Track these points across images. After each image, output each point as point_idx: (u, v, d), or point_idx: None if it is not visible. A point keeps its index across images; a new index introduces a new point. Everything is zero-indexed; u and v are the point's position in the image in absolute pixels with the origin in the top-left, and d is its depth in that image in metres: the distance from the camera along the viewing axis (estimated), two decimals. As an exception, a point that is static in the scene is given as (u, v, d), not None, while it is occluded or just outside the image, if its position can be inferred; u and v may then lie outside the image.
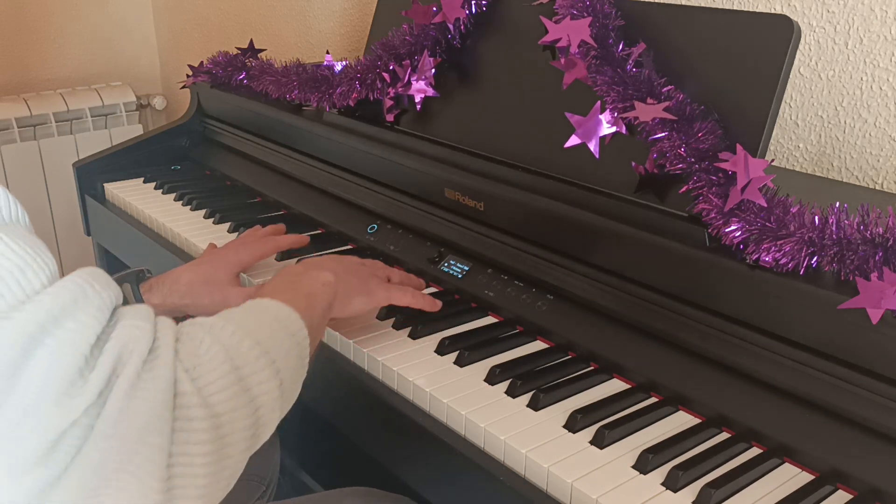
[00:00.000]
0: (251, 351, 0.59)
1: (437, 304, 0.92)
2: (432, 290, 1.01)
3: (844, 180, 1.07)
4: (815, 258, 0.70)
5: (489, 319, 0.94)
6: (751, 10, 1.11)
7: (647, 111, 0.81)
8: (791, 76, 0.98)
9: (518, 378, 0.80)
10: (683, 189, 0.80)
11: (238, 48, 1.45)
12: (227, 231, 1.23)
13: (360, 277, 0.86)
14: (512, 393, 0.79)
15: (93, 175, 1.46)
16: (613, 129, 0.87)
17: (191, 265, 0.97)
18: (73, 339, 0.49)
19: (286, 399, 0.63)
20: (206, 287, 0.94)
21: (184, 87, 1.53)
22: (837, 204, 0.71)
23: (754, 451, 0.72)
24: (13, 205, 0.53)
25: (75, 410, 0.47)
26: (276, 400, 0.61)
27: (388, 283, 0.90)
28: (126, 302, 0.90)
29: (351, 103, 1.17)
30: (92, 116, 2.24)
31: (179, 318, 1.54)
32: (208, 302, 0.94)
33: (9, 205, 0.53)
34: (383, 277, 0.91)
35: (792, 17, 0.79)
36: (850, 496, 0.66)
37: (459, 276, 0.99)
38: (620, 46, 0.88)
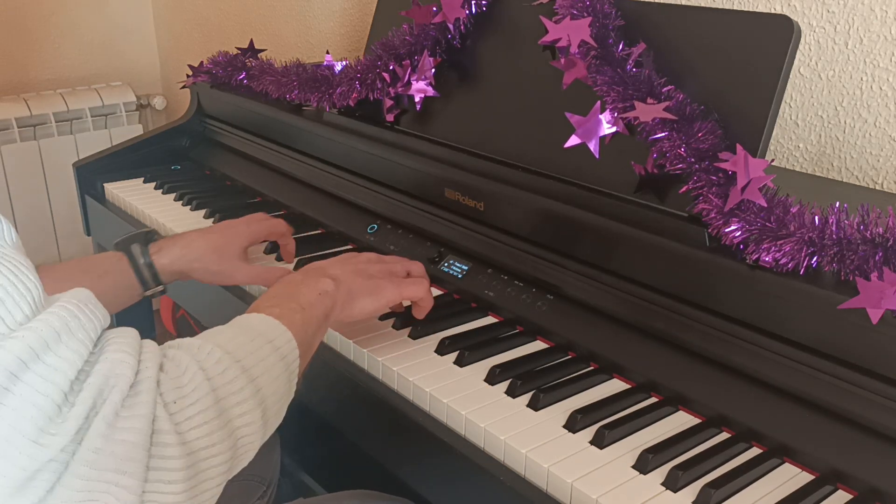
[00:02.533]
0: (236, 381, 0.58)
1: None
2: (433, 290, 1.01)
3: (844, 180, 1.07)
4: (815, 258, 0.70)
5: (489, 319, 0.94)
6: (751, 10, 1.11)
7: (647, 111, 0.81)
8: (791, 76, 0.98)
9: (518, 378, 0.80)
10: (683, 189, 0.80)
11: (238, 48, 1.45)
12: (227, 231, 1.22)
13: (366, 277, 0.83)
14: (512, 393, 0.79)
15: (93, 175, 1.46)
16: (613, 129, 0.87)
17: (203, 232, 0.98)
18: (53, 374, 0.47)
19: (269, 426, 0.62)
20: (215, 255, 0.96)
21: (184, 87, 1.53)
22: (837, 204, 0.71)
23: (754, 451, 0.72)
24: None
25: (53, 448, 0.46)
26: (258, 431, 0.60)
27: (401, 279, 0.86)
28: (136, 265, 0.91)
29: (351, 103, 1.17)
30: (92, 116, 2.24)
31: (177, 318, 1.52)
32: (216, 269, 0.96)
33: None
34: (401, 273, 0.87)
35: (792, 17, 0.79)
36: (850, 496, 0.66)
37: (459, 276, 0.99)
38: (620, 46, 0.88)
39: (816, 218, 0.70)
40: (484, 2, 1.06)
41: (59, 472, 0.47)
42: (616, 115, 0.86)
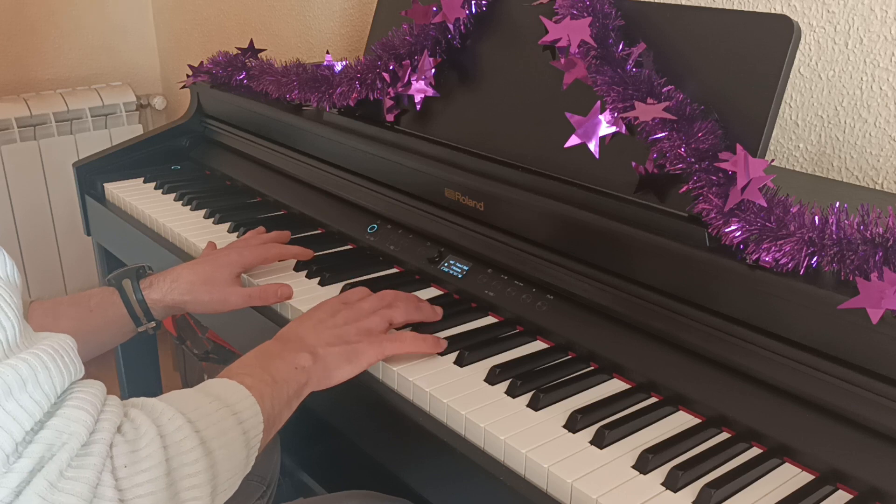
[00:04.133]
0: (193, 451, 0.58)
1: (440, 345, 0.85)
2: (432, 290, 1.01)
3: (844, 180, 1.07)
4: (815, 258, 0.70)
5: (489, 319, 0.94)
6: (751, 10, 1.11)
7: (647, 111, 0.81)
8: (791, 76, 0.98)
9: (518, 378, 0.80)
10: (683, 189, 0.80)
11: (238, 48, 1.45)
12: (227, 231, 1.23)
13: (344, 343, 0.80)
14: (512, 393, 0.79)
15: (93, 175, 1.46)
16: (613, 129, 0.87)
17: (192, 264, 0.97)
18: (9, 423, 0.46)
19: (217, 501, 0.61)
20: (205, 287, 0.94)
21: (184, 87, 1.53)
22: (837, 204, 0.71)
23: (754, 451, 0.72)
24: None
25: None
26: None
27: (381, 339, 0.83)
28: (127, 300, 0.91)
29: (351, 103, 1.17)
30: (92, 116, 2.24)
31: (177, 318, 1.53)
32: (208, 300, 0.95)
33: None
34: (380, 327, 0.84)
35: (792, 17, 0.79)
36: (850, 496, 0.66)
37: (459, 276, 0.99)
38: (620, 46, 0.88)
39: (816, 218, 0.70)
40: (484, 2, 1.06)
41: None
42: (616, 115, 0.86)
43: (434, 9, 1.08)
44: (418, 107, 1.11)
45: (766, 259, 0.72)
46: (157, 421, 0.57)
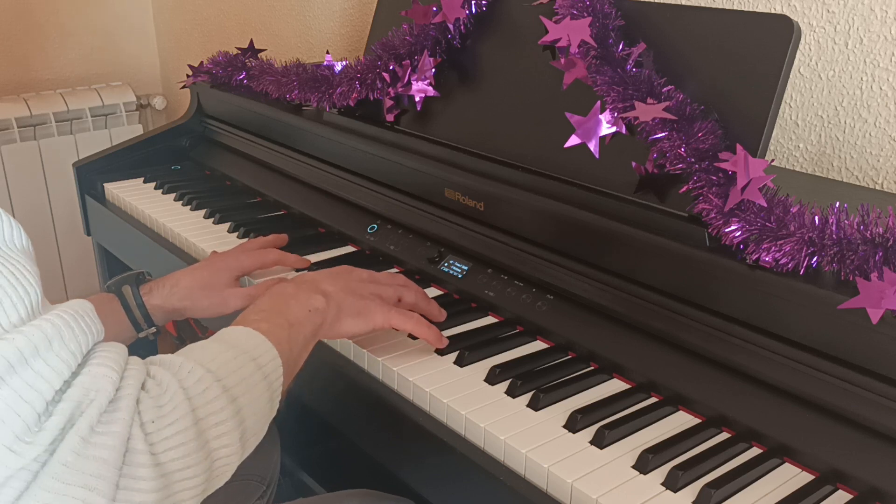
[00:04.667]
0: (216, 401, 0.58)
1: (442, 340, 0.86)
2: (433, 290, 1.01)
3: (844, 180, 1.07)
4: (815, 258, 0.70)
5: (489, 319, 0.94)
6: (751, 10, 1.11)
7: (647, 111, 0.81)
8: (791, 76, 0.98)
9: (518, 378, 0.80)
10: (683, 189, 0.80)
11: (238, 48, 1.45)
12: (227, 231, 1.23)
13: (358, 297, 0.81)
14: (512, 393, 0.79)
15: (93, 175, 1.46)
16: (613, 129, 0.87)
17: (190, 269, 0.97)
18: (39, 382, 0.47)
19: (246, 447, 0.62)
20: (204, 291, 0.95)
21: (184, 87, 1.53)
22: (837, 204, 0.71)
23: (754, 451, 0.72)
24: (6, 224, 0.52)
25: (26, 457, 0.46)
26: (236, 452, 0.60)
27: (391, 307, 0.84)
28: (127, 306, 0.91)
29: (351, 103, 1.17)
30: (92, 116, 2.24)
31: (178, 323, 1.52)
32: (207, 304, 0.95)
33: (1, 225, 0.52)
34: (392, 298, 0.85)
35: (792, 17, 0.79)
36: (850, 496, 0.66)
37: (459, 276, 0.99)
38: (620, 46, 0.88)
39: (816, 218, 0.70)
40: (484, 2, 1.06)
41: (28, 482, 0.47)
42: (616, 115, 0.86)
43: (434, 9, 1.07)
44: (418, 107, 1.11)
45: (766, 259, 0.72)
46: (177, 375, 0.58)
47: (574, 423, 0.74)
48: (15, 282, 0.49)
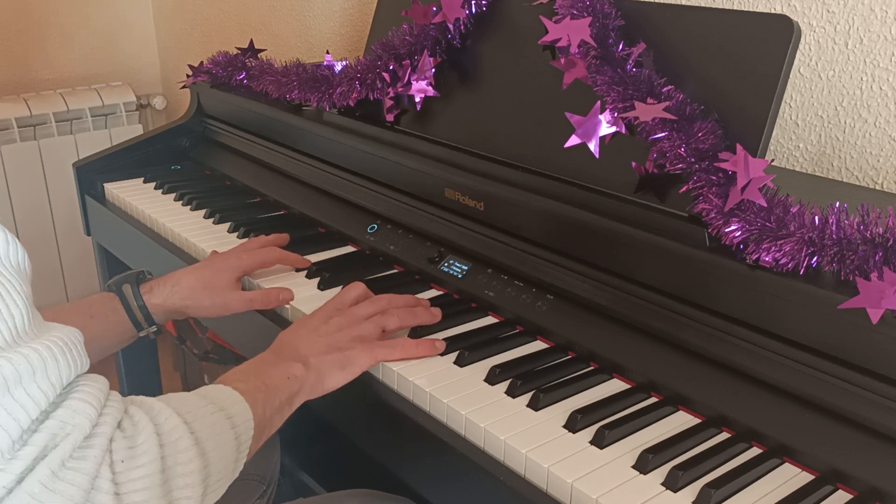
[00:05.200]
0: (187, 451, 0.59)
1: (435, 349, 0.86)
2: (433, 290, 1.01)
3: (844, 180, 1.07)
4: (815, 258, 0.70)
5: (489, 319, 0.94)
6: (751, 10, 1.11)
7: (647, 111, 0.81)
8: (791, 76, 0.98)
9: (518, 378, 0.80)
10: (683, 189, 0.80)
11: (238, 48, 1.45)
12: (227, 231, 1.23)
13: (337, 351, 0.81)
14: (512, 393, 0.79)
15: (93, 175, 1.46)
16: (613, 129, 0.87)
17: (192, 269, 0.97)
18: (17, 410, 0.48)
19: (206, 501, 0.62)
20: (206, 291, 0.95)
21: (184, 87, 1.53)
22: (837, 204, 0.71)
23: (754, 451, 0.72)
24: (1, 241, 0.52)
25: None
26: (196, 502, 0.60)
27: (374, 345, 0.83)
28: (128, 306, 0.91)
29: (351, 103, 1.17)
30: (92, 116, 2.24)
31: (178, 323, 1.52)
32: (209, 304, 0.95)
33: None
34: (374, 335, 0.85)
35: (792, 17, 0.79)
36: (850, 496, 0.66)
37: (459, 276, 0.99)
38: (620, 46, 0.88)
39: (816, 218, 0.70)
40: (484, 2, 1.06)
41: None
42: (616, 115, 0.86)
43: (434, 9, 1.08)
44: (418, 107, 1.11)
45: (766, 259, 0.72)
46: (154, 419, 0.58)
47: (574, 423, 0.74)
48: (1, 302, 0.49)
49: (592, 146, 0.87)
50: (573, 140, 0.88)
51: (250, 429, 0.68)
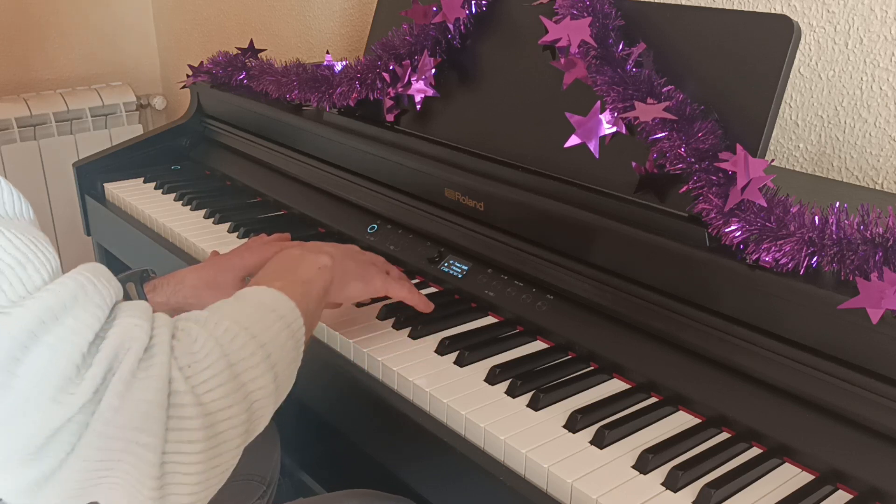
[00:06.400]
0: (246, 346, 0.59)
1: (429, 306, 0.91)
2: (432, 290, 1.01)
3: (844, 180, 1.07)
4: (815, 258, 0.70)
5: (489, 319, 0.94)
6: (751, 10, 1.11)
7: (647, 111, 0.81)
8: (791, 76, 0.98)
9: (518, 378, 0.80)
10: (683, 189, 0.80)
11: (238, 48, 1.45)
12: (227, 231, 1.23)
13: (357, 263, 0.85)
14: (512, 393, 0.79)
15: (93, 175, 1.46)
16: (613, 129, 0.87)
17: (195, 268, 0.97)
18: (72, 336, 0.49)
19: (281, 391, 0.64)
20: (209, 290, 0.94)
21: (184, 87, 1.53)
22: (837, 204, 0.71)
23: (754, 451, 0.72)
24: (17, 199, 0.54)
25: (72, 407, 0.48)
26: (271, 394, 0.61)
27: (387, 275, 0.88)
28: (129, 300, 0.91)
29: (351, 103, 1.17)
30: (92, 116, 2.24)
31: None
32: (213, 303, 0.95)
33: (12, 199, 0.54)
34: (381, 269, 0.89)
35: (792, 17, 0.79)
36: (850, 496, 0.66)
37: (459, 276, 0.99)
38: (620, 46, 0.88)
39: (816, 218, 0.70)
40: (484, 2, 1.06)
41: (79, 433, 0.49)
42: (616, 115, 0.86)
43: (434, 9, 1.07)
44: (418, 107, 1.11)
45: (766, 259, 0.72)
46: (206, 326, 0.59)
47: (574, 423, 0.74)
48: (35, 249, 0.51)
49: (592, 146, 0.87)
50: (573, 140, 0.88)
51: (299, 317, 0.67)
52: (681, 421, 0.76)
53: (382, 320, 0.93)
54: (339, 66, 1.21)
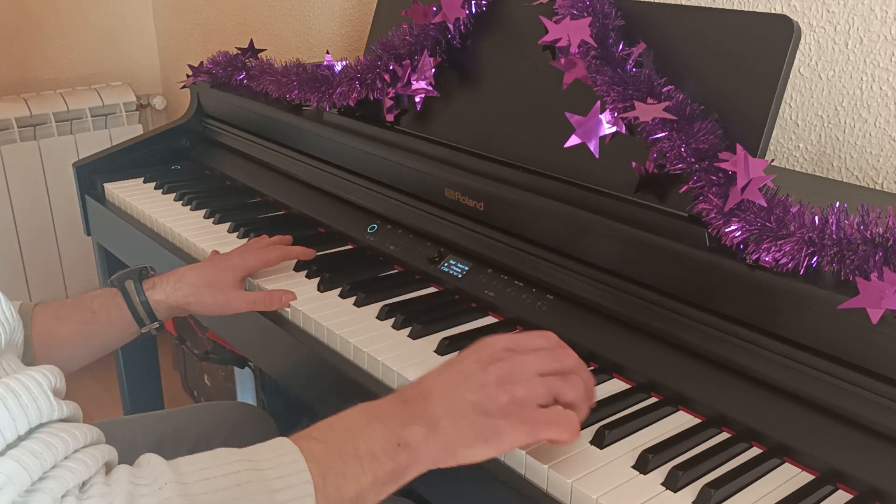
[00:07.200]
0: None
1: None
2: (432, 290, 1.01)
3: (844, 180, 1.07)
4: (815, 258, 0.70)
5: (489, 319, 0.94)
6: (751, 10, 1.11)
7: (647, 111, 0.81)
8: (791, 76, 0.98)
9: (518, 378, 0.80)
10: (683, 189, 0.80)
11: (238, 48, 1.45)
12: (227, 231, 1.23)
13: (483, 415, 0.61)
14: (512, 393, 0.79)
15: (93, 175, 1.46)
16: (613, 129, 0.87)
17: (196, 266, 0.97)
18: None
19: None
20: (209, 289, 0.95)
21: (184, 87, 1.53)
22: (837, 204, 0.71)
23: (754, 451, 0.72)
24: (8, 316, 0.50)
25: None
26: None
27: (537, 418, 0.62)
28: (130, 302, 0.91)
29: (351, 103, 1.17)
30: (92, 116, 2.24)
31: (177, 318, 1.51)
32: (211, 302, 0.95)
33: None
34: (543, 399, 0.63)
35: (792, 17, 0.79)
36: (850, 496, 0.66)
37: (459, 276, 0.99)
38: (620, 46, 0.88)
39: (816, 218, 0.70)
40: (484, 2, 1.06)
41: None
42: (616, 115, 0.86)
43: (434, 9, 1.08)
44: (418, 107, 1.11)
45: (766, 259, 0.72)
46: (158, 494, 0.50)
47: (574, 423, 0.74)
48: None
49: (592, 146, 0.87)
50: (573, 140, 0.88)
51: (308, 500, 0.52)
52: (681, 421, 0.76)
53: (383, 320, 0.93)
54: (339, 66, 1.21)
